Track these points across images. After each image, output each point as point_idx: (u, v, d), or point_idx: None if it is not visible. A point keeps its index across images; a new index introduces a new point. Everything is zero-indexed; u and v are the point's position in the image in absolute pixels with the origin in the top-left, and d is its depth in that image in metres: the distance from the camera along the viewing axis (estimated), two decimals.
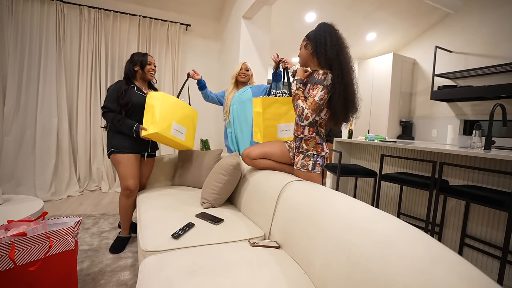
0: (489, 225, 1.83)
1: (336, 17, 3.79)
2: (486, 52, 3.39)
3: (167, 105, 1.81)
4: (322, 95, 1.34)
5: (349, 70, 1.37)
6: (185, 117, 1.95)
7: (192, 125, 2.04)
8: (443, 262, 0.61)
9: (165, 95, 1.84)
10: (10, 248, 1.00)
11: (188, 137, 1.98)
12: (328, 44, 1.36)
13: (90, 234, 2.06)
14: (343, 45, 1.39)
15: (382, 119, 4.24)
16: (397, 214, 2.46)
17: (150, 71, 1.95)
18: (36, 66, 3.01)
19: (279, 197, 1.32)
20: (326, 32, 1.38)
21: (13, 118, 2.92)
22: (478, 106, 3.47)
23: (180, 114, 1.90)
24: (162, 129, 1.75)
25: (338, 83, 1.33)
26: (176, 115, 1.87)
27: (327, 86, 1.34)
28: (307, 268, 0.98)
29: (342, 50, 1.37)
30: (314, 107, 1.35)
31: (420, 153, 2.31)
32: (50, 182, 3.00)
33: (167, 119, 1.79)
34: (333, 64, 1.35)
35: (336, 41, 1.37)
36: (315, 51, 1.41)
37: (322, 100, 1.36)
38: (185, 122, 1.95)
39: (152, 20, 3.49)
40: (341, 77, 1.33)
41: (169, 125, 1.80)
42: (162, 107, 1.77)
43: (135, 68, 1.92)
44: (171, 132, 1.81)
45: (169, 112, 1.81)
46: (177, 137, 1.87)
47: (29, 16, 2.95)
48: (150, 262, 1.02)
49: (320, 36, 1.39)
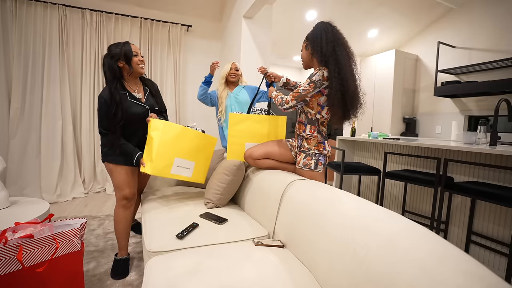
0: (495, 222, 1.81)
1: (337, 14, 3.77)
2: (490, 47, 3.35)
3: (167, 138, 1.50)
4: (307, 88, 1.39)
5: (348, 65, 1.36)
6: (193, 150, 1.64)
7: (204, 157, 1.72)
8: (449, 260, 0.60)
9: (167, 125, 1.51)
10: (18, 250, 1.01)
11: (197, 172, 1.68)
12: (323, 41, 1.37)
13: (95, 235, 2.08)
14: (341, 40, 1.39)
15: (385, 116, 4.21)
16: (401, 212, 2.45)
17: (138, 63, 1.53)
18: (40, 70, 3.04)
19: (283, 196, 1.32)
20: (322, 29, 1.40)
21: (18, 121, 2.95)
22: (482, 102, 3.43)
23: (186, 147, 1.59)
24: (158, 170, 1.48)
25: (335, 78, 1.33)
26: (180, 149, 1.57)
27: (315, 81, 1.37)
28: (311, 267, 0.98)
29: (339, 46, 1.37)
30: (296, 95, 1.42)
31: (424, 150, 2.29)
32: (56, 184, 3.03)
33: (166, 156, 1.51)
34: (329, 59, 1.36)
35: (331, 37, 1.37)
36: (313, 50, 1.43)
37: (306, 92, 1.39)
38: (193, 155, 1.65)
39: (154, 22, 3.51)
40: (337, 72, 1.33)
41: (168, 163, 1.52)
42: (161, 141, 1.47)
43: (119, 64, 1.49)
44: (171, 171, 1.55)
45: (170, 146, 1.52)
46: (181, 175, 1.61)
47: (32, 20, 2.98)
48: (156, 262, 1.02)
49: (316, 34, 1.41)
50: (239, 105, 2.29)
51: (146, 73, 3.49)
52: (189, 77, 3.88)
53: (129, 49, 1.48)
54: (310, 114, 1.50)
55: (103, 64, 1.48)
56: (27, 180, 2.99)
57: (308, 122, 1.51)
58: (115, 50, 1.47)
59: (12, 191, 2.87)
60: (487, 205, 1.85)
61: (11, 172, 2.92)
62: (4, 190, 1.67)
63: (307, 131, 1.51)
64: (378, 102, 4.33)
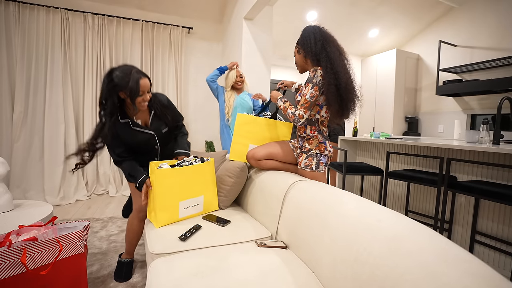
0: (500, 221, 1.79)
1: (338, 14, 3.77)
2: (491, 45, 3.33)
3: (164, 185, 1.35)
4: (313, 93, 1.39)
5: (339, 59, 1.39)
6: (196, 186, 1.48)
7: (210, 184, 1.57)
8: (453, 260, 0.60)
9: (161, 172, 1.33)
10: (22, 253, 1.02)
11: (208, 202, 1.56)
12: (312, 41, 1.42)
13: (98, 237, 2.09)
14: (330, 38, 1.43)
15: (387, 116, 4.20)
16: (405, 212, 2.43)
17: (142, 103, 1.34)
18: (42, 73, 3.06)
19: (285, 197, 1.32)
20: (310, 32, 1.46)
21: (21, 124, 2.98)
22: (485, 100, 3.42)
23: (187, 187, 1.44)
24: (164, 221, 1.36)
25: (328, 72, 1.36)
26: (182, 192, 1.42)
27: (317, 83, 1.38)
28: (315, 268, 0.98)
29: (329, 43, 1.41)
30: (306, 105, 1.40)
31: (426, 149, 2.28)
32: (59, 187, 3.05)
33: (168, 205, 1.37)
34: (320, 56, 1.40)
35: (320, 36, 1.42)
36: (304, 52, 1.47)
37: (314, 97, 1.39)
38: (198, 190, 1.50)
39: (155, 25, 3.53)
40: (330, 67, 1.36)
41: (173, 211, 1.39)
42: (158, 192, 1.34)
43: (121, 95, 1.30)
44: (180, 216, 1.42)
45: (170, 194, 1.37)
46: (192, 214, 1.47)
47: (35, 24, 3.01)
48: (159, 264, 1.02)
49: (305, 37, 1.47)
50: (243, 109, 2.47)
51: (149, 76, 3.51)
52: (190, 79, 3.89)
53: (137, 88, 1.27)
54: (310, 115, 1.50)
55: (102, 86, 1.29)
56: (31, 183, 3.00)
57: (308, 123, 1.52)
58: (122, 81, 1.26)
59: (15, 194, 2.89)
60: (491, 204, 1.84)
61: (14, 175, 2.94)
62: (7, 193, 1.68)
63: (308, 131, 1.51)
64: (380, 101, 4.32)
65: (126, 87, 1.25)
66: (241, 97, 2.50)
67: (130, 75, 1.26)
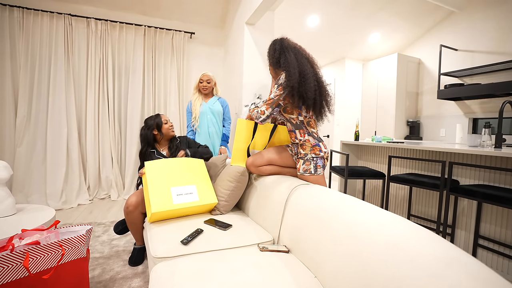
0: (503, 225, 1.78)
1: (339, 19, 3.80)
2: (492, 49, 3.34)
3: (154, 174, 1.53)
4: (277, 92, 1.46)
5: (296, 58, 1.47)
6: (185, 175, 1.61)
7: (202, 177, 1.68)
8: (457, 264, 0.60)
9: (149, 164, 1.57)
10: (25, 257, 1.02)
11: (203, 193, 1.60)
12: (272, 52, 1.57)
13: (100, 242, 2.08)
14: (289, 46, 1.53)
15: (388, 120, 4.19)
16: (407, 216, 2.42)
17: (169, 128, 1.96)
18: (46, 78, 3.09)
19: (287, 201, 1.32)
20: (272, 44, 1.60)
21: (24, 129, 3.00)
22: (486, 104, 3.41)
23: (176, 175, 1.59)
24: (159, 206, 1.43)
25: (286, 71, 1.44)
26: (172, 179, 1.56)
27: (281, 83, 1.45)
28: (317, 272, 0.98)
29: (286, 48, 1.51)
30: (269, 103, 1.48)
31: (428, 153, 2.27)
32: (61, 191, 3.06)
33: (160, 191, 1.49)
34: (280, 59, 1.51)
35: (279, 46, 1.54)
36: (270, 62, 1.60)
37: (277, 96, 1.46)
38: (189, 179, 1.61)
39: (157, 30, 3.56)
40: (287, 66, 1.44)
41: (166, 196, 1.48)
42: (149, 180, 1.50)
43: (154, 133, 1.92)
44: (174, 202, 1.48)
45: (160, 181, 1.52)
46: (187, 201, 1.52)
47: (39, 29, 3.05)
48: (160, 268, 1.03)
49: (269, 50, 1.61)
50: (213, 114, 2.55)
51: (151, 81, 3.54)
52: (192, 84, 3.89)
53: (159, 120, 1.93)
54: (293, 119, 1.55)
55: (141, 134, 1.93)
56: (33, 187, 3.01)
57: (295, 128, 1.55)
58: (150, 122, 1.92)
59: (18, 198, 2.90)
60: (494, 208, 1.83)
61: (17, 179, 2.95)
62: (10, 197, 1.69)
63: (298, 136, 1.54)
64: (381, 105, 4.32)
65: (153, 124, 1.91)
66: (210, 103, 2.55)
67: (153, 116, 1.95)
